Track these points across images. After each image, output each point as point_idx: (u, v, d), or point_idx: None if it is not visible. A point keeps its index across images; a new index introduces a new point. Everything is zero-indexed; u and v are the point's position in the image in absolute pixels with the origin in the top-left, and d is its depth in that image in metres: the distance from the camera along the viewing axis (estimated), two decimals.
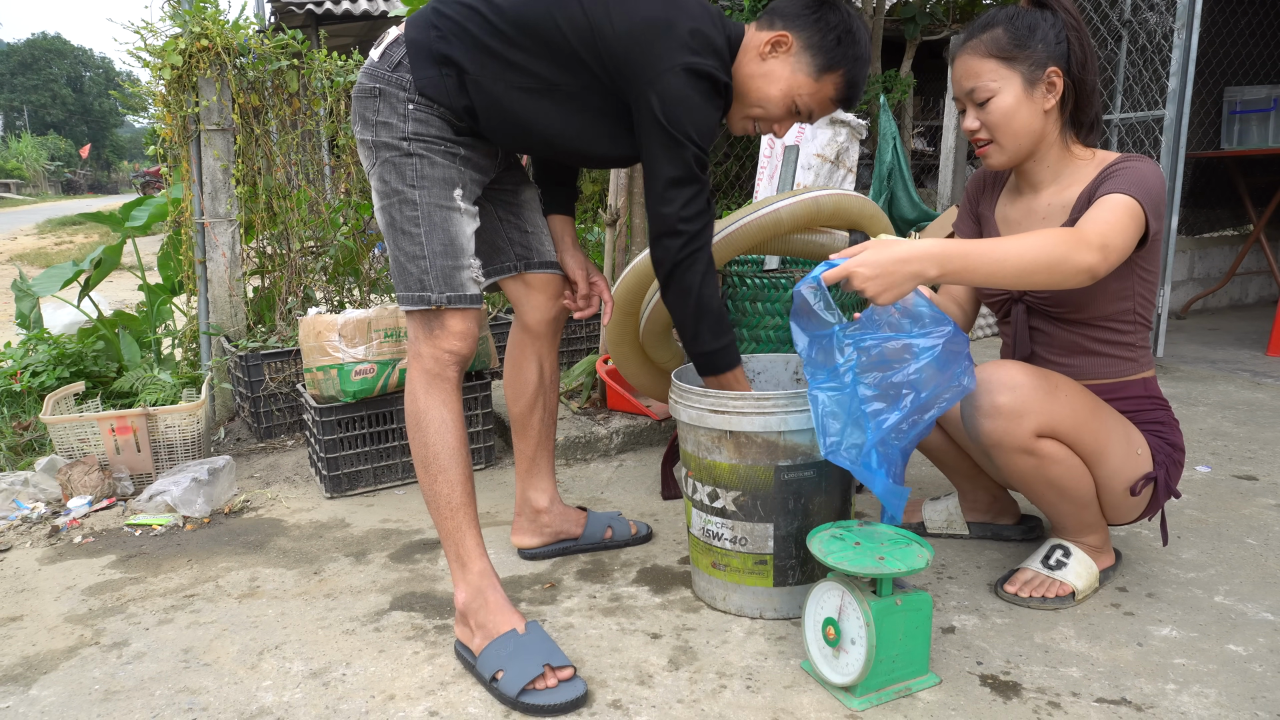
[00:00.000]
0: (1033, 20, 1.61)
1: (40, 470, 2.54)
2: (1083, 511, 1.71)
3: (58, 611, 1.83)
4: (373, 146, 1.59)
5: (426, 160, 1.57)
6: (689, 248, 1.57)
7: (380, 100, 1.57)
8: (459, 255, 1.58)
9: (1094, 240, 1.45)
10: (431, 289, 1.57)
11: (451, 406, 1.60)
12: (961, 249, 1.42)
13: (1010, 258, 1.42)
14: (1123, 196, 1.52)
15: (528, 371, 1.94)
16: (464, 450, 1.61)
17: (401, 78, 1.56)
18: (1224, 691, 1.44)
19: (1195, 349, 4.06)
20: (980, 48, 1.64)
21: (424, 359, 1.60)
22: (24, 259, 9.78)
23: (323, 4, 8.22)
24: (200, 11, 2.94)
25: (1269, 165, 4.74)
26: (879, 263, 1.39)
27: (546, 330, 1.93)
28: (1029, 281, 1.43)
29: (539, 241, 1.88)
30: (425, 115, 1.57)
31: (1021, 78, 1.61)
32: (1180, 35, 3.52)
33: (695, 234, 1.57)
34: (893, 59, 5.46)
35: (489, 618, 1.54)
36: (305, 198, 3.31)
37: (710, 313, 1.62)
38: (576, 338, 3.70)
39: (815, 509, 1.65)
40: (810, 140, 3.25)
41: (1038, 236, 1.44)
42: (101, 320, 3.39)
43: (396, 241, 1.58)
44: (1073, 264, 1.43)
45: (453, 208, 1.59)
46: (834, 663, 1.45)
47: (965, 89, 1.66)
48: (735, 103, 1.69)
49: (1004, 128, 1.64)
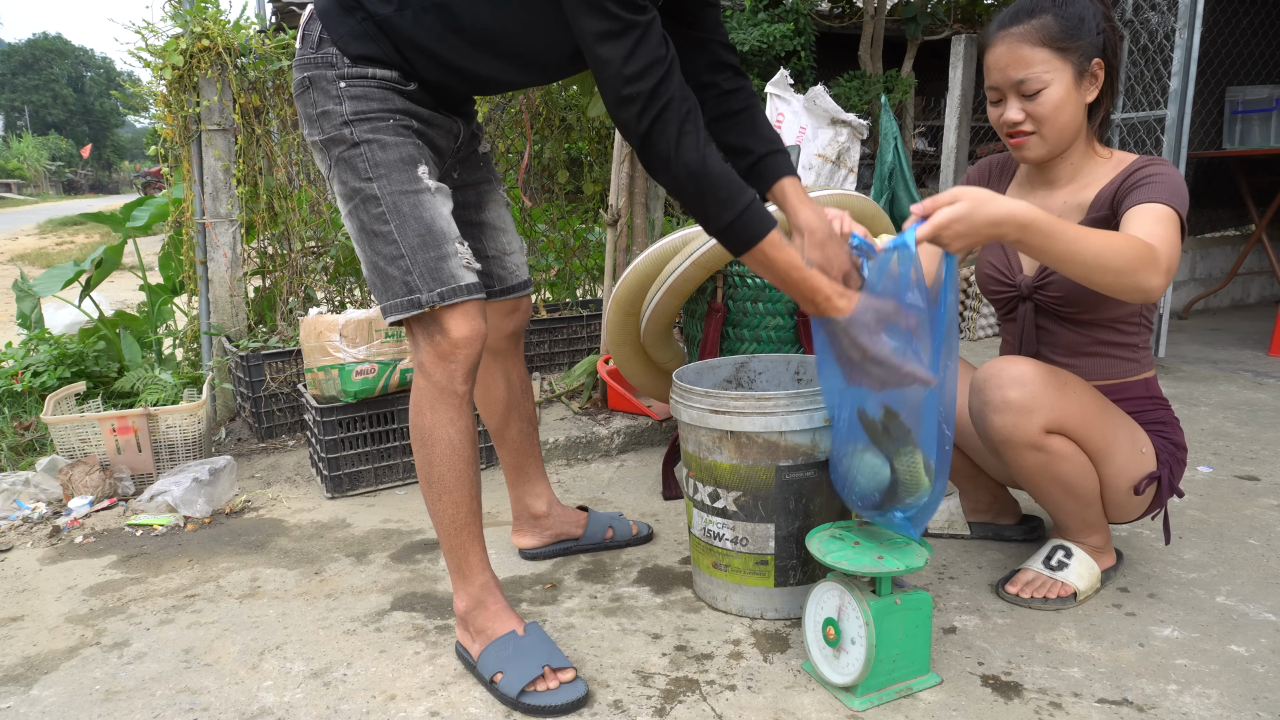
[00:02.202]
0: (1081, 8, 1.55)
1: (41, 470, 2.54)
2: (1086, 510, 1.71)
3: (59, 612, 1.83)
4: (323, 146, 1.45)
5: (376, 144, 1.41)
6: (649, 111, 1.31)
7: (313, 90, 1.43)
8: (441, 242, 1.42)
9: (1164, 264, 1.41)
10: (419, 289, 1.41)
11: (461, 425, 1.48)
12: (1049, 223, 1.37)
13: (1089, 249, 1.38)
14: (1170, 211, 1.50)
15: (495, 389, 1.86)
16: (473, 471, 1.51)
17: (326, 55, 1.42)
18: (1226, 692, 1.44)
19: (1197, 349, 4.06)
20: (1032, 35, 1.55)
21: (430, 371, 1.46)
22: (25, 259, 9.79)
23: None
24: (201, 11, 2.94)
25: (1271, 165, 4.73)
26: (974, 225, 1.33)
27: (508, 345, 1.84)
28: (1090, 277, 1.40)
29: (502, 267, 1.75)
30: (361, 89, 1.41)
31: (1073, 69, 1.56)
32: (1182, 35, 3.52)
33: (650, 92, 1.30)
34: (894, 59, 5.46)
35: (488, 622, 1.53)
36: (306, 198, 3.31)
37: (706, 179, 1.34)
38: (577, 338, 3.70)
39: (816, 509, 1.65)
40: (811, 140, 3.25)
41: (1120, 239, 1.40)
42: (103, 320, 3.39)
43: (371, 245, 1.42)
44: (1141, 280, 1.40)
45: (420, 190, 1.42)
46: (834, 663, 1.45)
47: (1013, 79, 1.58)
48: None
49: (1052, 121, 1.59)
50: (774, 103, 3.06)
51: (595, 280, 4.23)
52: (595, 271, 4.15)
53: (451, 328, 1.44)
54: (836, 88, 4.65)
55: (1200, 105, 4.64)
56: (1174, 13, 3.60)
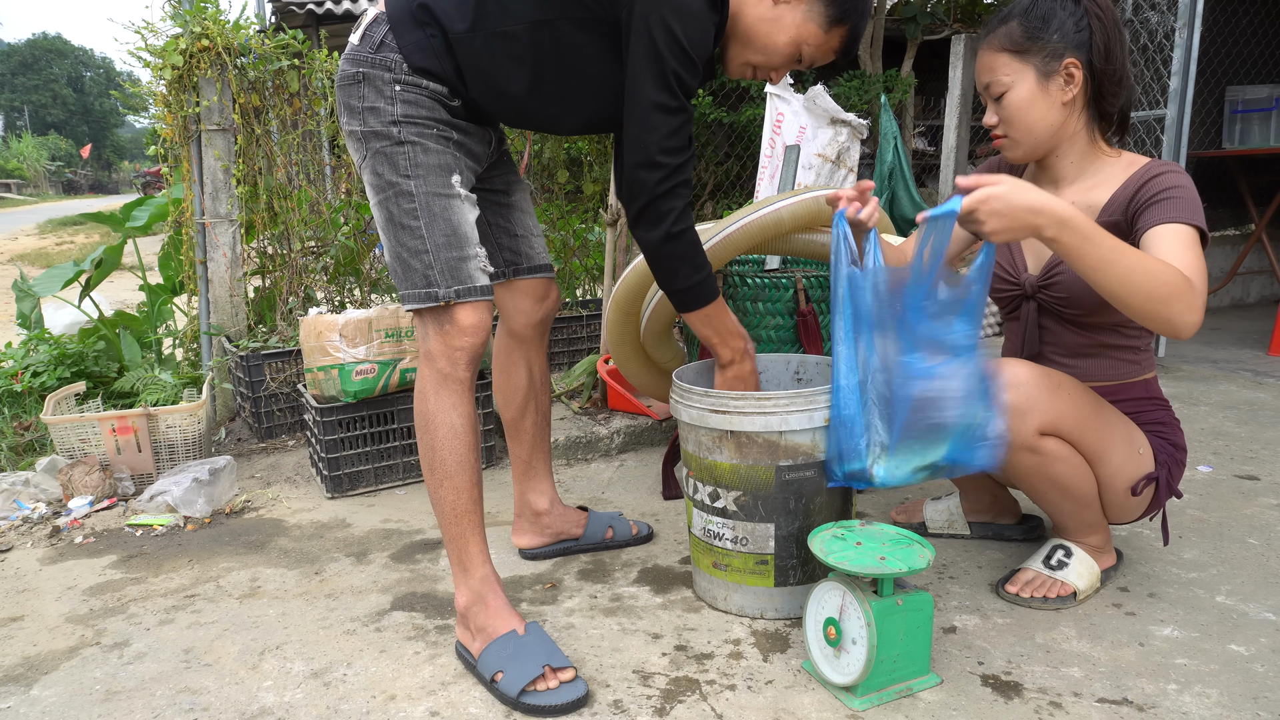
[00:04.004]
0: (1048, 10, 1.59)
1: (41, 470, 2.54)
2: (1084, 511, 1.71)
3: (59, 612, 1.83)
4: (362, 137, 1.52)
5: (419, 147, 1.50)
6: (669, 182, 1.48)
7: (365, 85, 1.50)
8: (464, 245, 1.52)
9: (1199, 300, 1.39)
10: (438, 284, 1.49)
11: (462, 410, 1.54)
12: (1087, 226, 1.37)
13: (1122, 263, 1.37)
14: (1194, 233, 1.48)
15: (517, 377, 1.90)
16: (473, 456, 1.56)
17: (385, 58, 1.49)
18: (1226, 692, 1.44)
19: (1197, 348, 4.06)
20: (995, 42, 1.63)
21: (435, 358, 1.53)
22: (25, 259, 9.79)
23: (323, 4, 8.21)
24: (201, 12, 2.94)
25: (1270, 165, 4.74)
26: (1012, 208, 1.35)
27: (534, 334, 1.89)
28: (1119, 294, 1.39)
29: (528, 246, 1.84)
30: (414, 95, 1.50)
31: (1035, 70, 1.59)
32: (1182, 34, 3.52)
33: (677, 167, 1.48)
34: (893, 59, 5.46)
35: (489, 620, 1.53)
36: (306, 198, 3.31)
37: (687, 246, 1.54)
38: (577, 338, 3.70)
39: (816, 509, 1.65)
40: (811, 140, 3.25)
41: (1157, 264, 1.38)
42: (102, 320, 3.39)
43: (396, 236, 1.51)
44: (1174, 313, 1.38)
45: (452, 195, 1.52)
46: (835, 663, 1.45)
47: (982, 84, 1.66)
48: (737, 45, 1.59)
49: (1018, 122, 1.63)
50: (774, 102, 3.05)
51: (595, 280, 4.23)
52: (595, 271, 4.15)
53: (462, 320, 1.52)
54: (836, 87, 4.64)
55: (1200, 105, 4.64)
56: (1174, 12, 3.60)
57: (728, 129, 5.00)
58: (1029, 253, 1.77)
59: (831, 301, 1.58)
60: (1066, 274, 1.66)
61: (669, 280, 1.60)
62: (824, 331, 2.25)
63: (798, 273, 2.29)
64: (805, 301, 2.20)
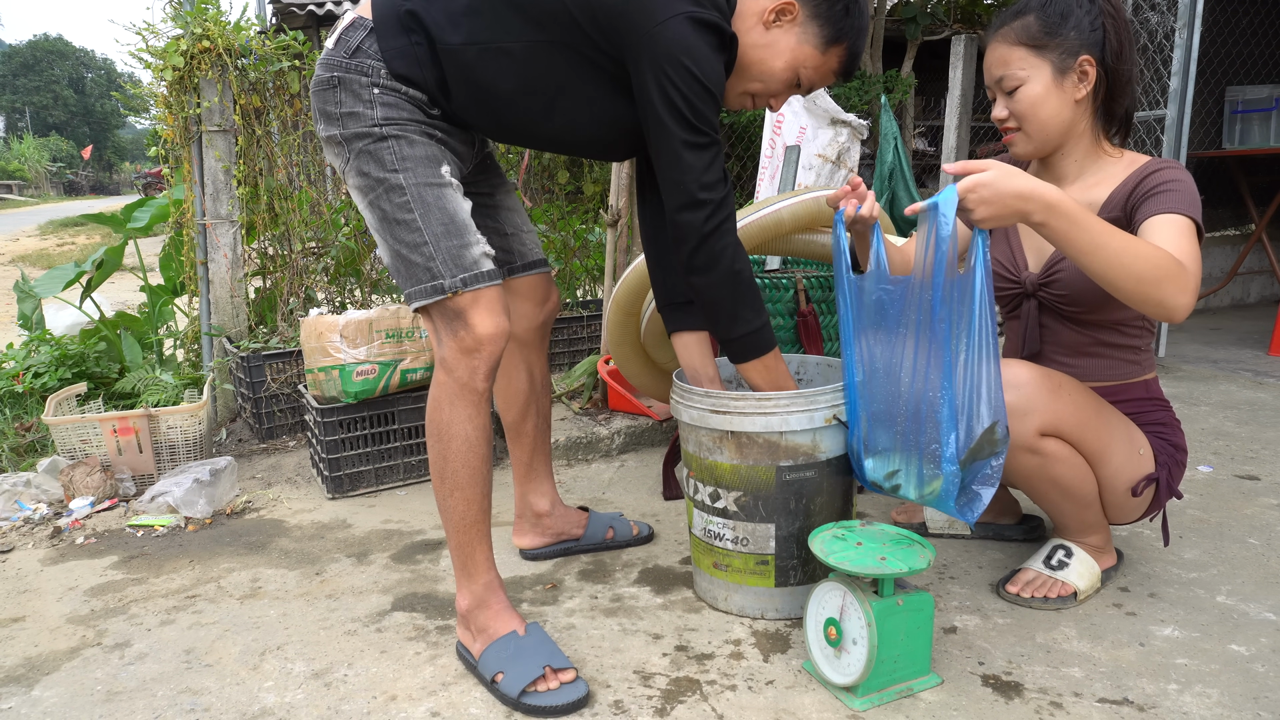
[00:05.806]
0: (1066, 6, 1.58)
1: (42, 471, 2.54)
2: (1084, 511, 1.71)
3: (60, 612, 1.83)
4: (342, 141, 1.47)
5: (404, 140, 1.45)
6: (716, 218, 1.45)
7: (341, 90, 1.45)
8: (463, 232, 1.46)
9: (1191, 283, 1.40)
10: (442, 275, 1.43)
11: (478, 422, 1.49)
12: (1077, 211, 1.37)
13: (1112, 246, 1.37)
14: (1190, 223, 1.48)
15: (517, 380, 1.88)
16: (486, 468, 1.52)
17: (361, 63, 1.44)
18: (1226, 692, 1.44)
19: (1197, 349, 4.06)
20: (1010, 35, 1.61)
21: (452, 367, 1.47)
22: (26, 260, 9.80)
23: (324, 5, 8.22)
24: (201, 13, 2.94)
25: (1270, 165, 4.74)
26: (1000, 194, 1.35)
27: (535, 338, 1.87)
28: (1111, 278, 1.39)
29: (520, 243, 1.80)
30: (393, 99, 1.44)
31: (1051, 66, 1.59)
32: (1182, 35, 3.52)
33: (720, 202, 1.45)
34: (894, 59, 5.46)
35: (490, 621, 1.53)
36: (307, 199, 3.31)
37: (748, 287, 1.51)
38: (577, 338, 3.70)
39: (817, 509, 1.65)
40: (811, 140, 3.25)
41: (1147, 247, 1.39)
42: (103, 321, 3.39)
43: (393, 233, 1.45)
44: (1166, 295, 1.38)
45: (444, 184, 1.47)
46: (836, 663, 1.45)
47: (994, 77, 1.64)
48: (733, 75, 1.55)
49: (1031, 117, 1.62)
50: None
51: (595, 280, 4.23)
52: (595, 272, 4.15)
53: (476, 323, 1.45)
54: (836, 88, 4.65)
55: (1200, 105, 4.64)
56: (1174, 13, 3.60)
57: (728, 129, 5.00)
58: (1029, 251, 1.77)
59: (839, 307, 1.57)
60: (1067, 271, 1.66)
61: (729, 325, 1.54)
62: (825, 332, 2.25)
63: (798, 273, 2.29)
64: (806, 302, 2.20)
